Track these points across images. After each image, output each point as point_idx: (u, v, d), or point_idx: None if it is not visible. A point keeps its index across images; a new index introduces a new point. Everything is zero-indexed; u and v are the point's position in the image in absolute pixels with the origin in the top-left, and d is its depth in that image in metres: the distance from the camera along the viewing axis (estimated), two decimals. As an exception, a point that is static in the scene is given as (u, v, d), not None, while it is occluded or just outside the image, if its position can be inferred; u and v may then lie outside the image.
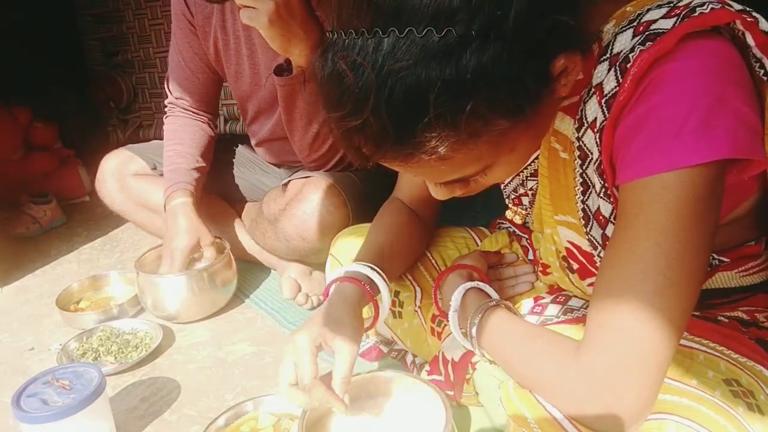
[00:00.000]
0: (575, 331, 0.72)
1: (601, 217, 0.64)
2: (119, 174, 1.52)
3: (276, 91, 1.21)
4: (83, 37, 2.66)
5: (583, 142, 0.63)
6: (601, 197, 0.63)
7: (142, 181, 1.52)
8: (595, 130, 0.60)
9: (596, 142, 0.61)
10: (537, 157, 0.75)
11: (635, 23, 0.58)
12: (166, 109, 1.50)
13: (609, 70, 0.59)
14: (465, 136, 0.53)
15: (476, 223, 1.09)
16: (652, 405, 0.55)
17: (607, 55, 0.60)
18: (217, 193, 1.58)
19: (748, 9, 0.57)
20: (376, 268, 0.82)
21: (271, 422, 0.94)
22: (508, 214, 0.85)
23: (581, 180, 0.66)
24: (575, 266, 0.74)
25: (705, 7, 0.55)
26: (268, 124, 1.44)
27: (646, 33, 0.56)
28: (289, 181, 1.37)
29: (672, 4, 0.57)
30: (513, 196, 0.84)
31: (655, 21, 0.56)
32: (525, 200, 0.83)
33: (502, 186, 0.85)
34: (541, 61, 0.54)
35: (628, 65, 0.56)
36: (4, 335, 1.38)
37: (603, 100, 0.59)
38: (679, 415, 0.54)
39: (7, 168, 2.21)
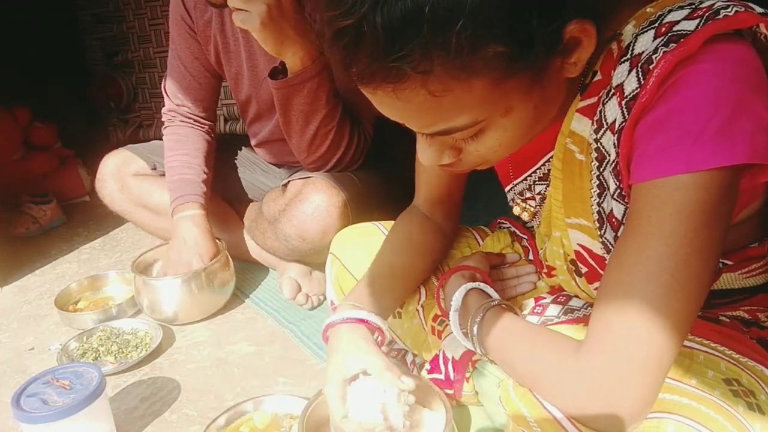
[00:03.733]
0: (576, 331, 0.72)
1: (614, 220, 0.64)
2: (119, 174, 1.52)
3: (275, 93, 1.21)
4: (83, 37, 2.66)
5: (601, 143, 0.63)
6: (615, 199, 0.63)
7: (142, 181, 1.52)
8: (614, 131, 0.60)
9: (614, 144, 0.60)
10: (547, 161, 0.75)
11: (657, 24, 0.57)
12: (165, 118, 1.47)
13: (630, 71, 0.57)
14: (456, 63, 0.52)
15: (476, 222, 1.08)
16: (651, 406, 0.55)
17: (628, 56, 0.58)
18: (217, 193, 1.58)
19: None
20: (379, 319, 0.82)
21: (271, 422, 0.94)
22: (516, 210, 0.84)
23: (597, 182, 0.65)
24: (584, 270, 0.74)
25: (729, 10, 0.54)
26: (268, 125, 1.44)
27: (669, 34, 0.55)
28: (289, 181, 1.37)
29: (694, 6, 0.56)
30: (519, 200, 0.83)
31: (677, 22, 0.55)
32: (532, 204, 0.82)
33: (506, 189, 0.84)
34: (552, 12, 0.53)
35: (651, 66, 0.55)
36: (4, 335, 1.38)
37: (623, 102, 0.58)
38: (679, 413, 0.54)
39: (7, 168, 2.21)
